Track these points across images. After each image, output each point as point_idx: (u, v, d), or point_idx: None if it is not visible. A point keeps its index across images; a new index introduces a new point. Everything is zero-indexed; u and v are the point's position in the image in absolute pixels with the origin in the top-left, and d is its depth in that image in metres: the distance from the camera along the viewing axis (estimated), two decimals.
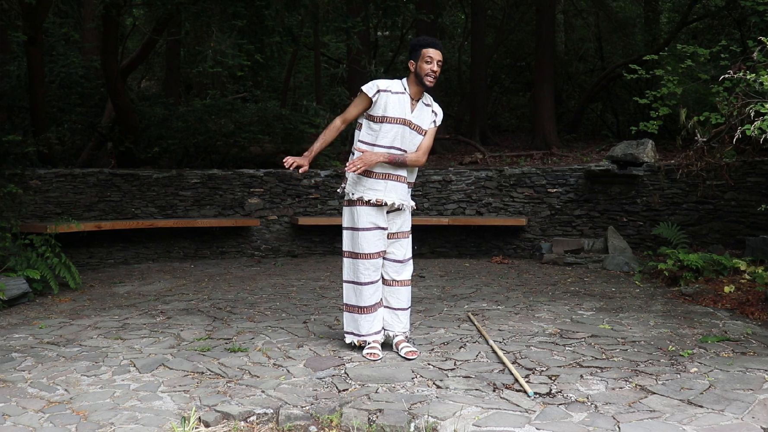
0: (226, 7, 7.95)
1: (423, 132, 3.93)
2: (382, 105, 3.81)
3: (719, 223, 7.72)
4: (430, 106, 3.98)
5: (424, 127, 3.93)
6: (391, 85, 3.86)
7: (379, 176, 3.84)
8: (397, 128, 3.83)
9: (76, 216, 7.69)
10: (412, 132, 3.89)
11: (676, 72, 6.95)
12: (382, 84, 3.84)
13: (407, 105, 3.86)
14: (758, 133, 4.76)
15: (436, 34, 13.66)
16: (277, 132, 9.80)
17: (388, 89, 3.83)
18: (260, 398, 3.20)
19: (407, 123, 3.86)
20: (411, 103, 3.89)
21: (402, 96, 3.86)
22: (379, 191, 3.84)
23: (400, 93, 3.86)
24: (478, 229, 8.46)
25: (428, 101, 3.98)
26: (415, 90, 3.89)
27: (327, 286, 6.36)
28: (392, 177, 3.85)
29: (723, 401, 3.05)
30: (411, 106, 3.88)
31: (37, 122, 8.47)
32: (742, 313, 4.87)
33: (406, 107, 3.85)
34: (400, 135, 3.84)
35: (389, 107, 3.82)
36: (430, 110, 3.97)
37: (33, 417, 3.02)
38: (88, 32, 11.28)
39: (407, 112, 3.86)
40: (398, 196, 3.87)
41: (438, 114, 4.01)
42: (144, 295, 5.94)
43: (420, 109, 3.91)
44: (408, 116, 3.86)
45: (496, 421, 2.86)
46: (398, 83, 3.90)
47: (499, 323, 4.66)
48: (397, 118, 3.83)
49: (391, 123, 3.83)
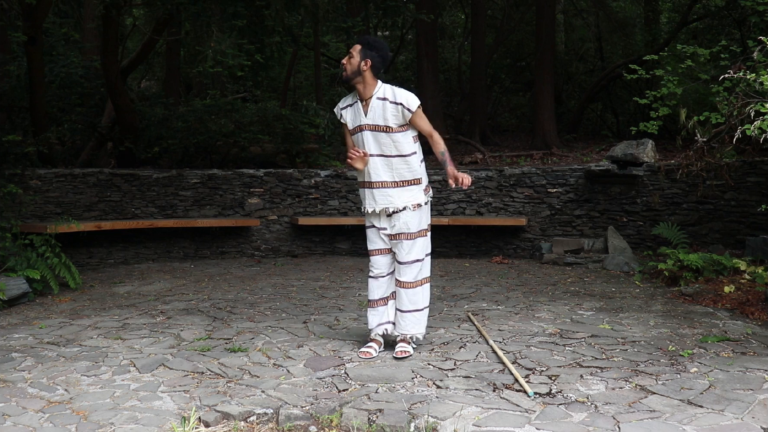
0: (226, 7, 7.95)
1: (387, 129, 3.78)
2: (349, 120, 3.92)
3: (719, 223, 7.72)
4: (385, 99, 3.78)
5: (389, 123, 3.78)
6: (348, 99, 3.96)
7: (361, 185, 3.96)
8: (359, 136, 3.87)
9: (76, 216, 7.68)
10: (374, 133, 3.81)
11: (676, 72, 6.95)
12: (342, 103, 4.00)
13: (360, 110, 3.85)
14: (758, 133, 4.76)
15: (436, 34, 13.65)
16: (277, 132, 9.79)
17: (346, 105, 3.95)
18: (260, 398, 3.20)
19: (364, 127, 3.83)
20: (364, 106, 3.84)
21: (356, 105, 3.88)
22: (365, 199, 3.94)
23: (354, 103, 3.90)
24: (478, 229, 8.46)
25: (383, 95, 3.79)
26: (360, 91, 3.83)
27: (327, 286, 6.36)
28: (373, 185, 3.86)
29: (723, 401, 3.05)
30: (364, 108, 3.84)
31: (37, 122, 8.46)
32: (742, 313, 4.87)
33: (360, 113, 3.85)
34: (365, 141, 3.84)
35: (349, 120, 3.91)
36: (387, 103, 3.76)
37: (33, 417, 3.03)
38: (88, 32, 11.27)
39: (362, 117, 3.84)
40: (385, 202, 3.85)
41: (401, 97, 3.75)
42: (144, 295, 5.94)
43: (375, 108, 3.80)
44: (363, 121, 3.83)
45: (496, 421, 2.86)
46: (353, 95, 3.92)
47: (499, 323, 4.66)
48: (355, 127, 3.88)
49: (355, 133, 3.90)
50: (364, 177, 3.90)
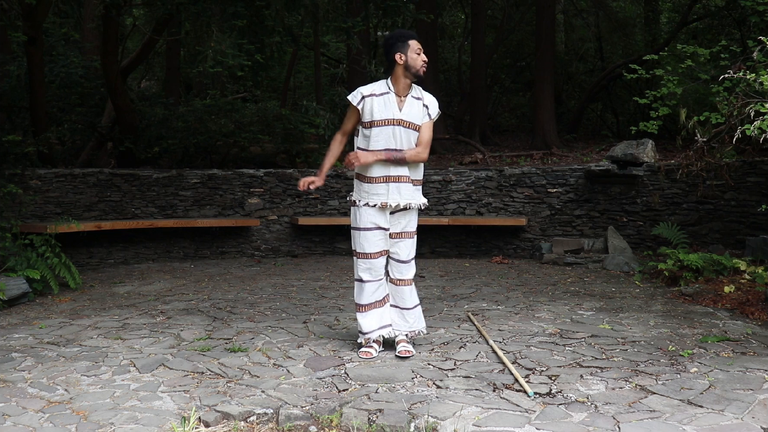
0: (226, 7, 7.95)
1: (417, 128, 3.84)
2: (368, 110, 3.81)
3: (719, 223, 7.72)
4: (420, 99, 3.86)
5: (417, 122, 3.83)
6: (375, 88, 3.84)
7: (379, 180, 3.84)
8: (387, 130, 3.79)
9: (76, 216, 7.68)
10: (407, 130, 3.81)
11: (676, 72, 6.95)
12: (366, 90, 3.84)
13: (394, 104, 3.80)
14: (758, 133, 4.76)
15: (436, 34, 13.66)
16: (277, 132, 9.80)
17: (372, 93, 3.82)
18: (260, 398, 3.20)
19: (398, 122, 3.80)
20: (398, 101, 3.82)
21: (388, 96, 3.81)
22: (382, 195, 3.84)
23: (385, 94, 3.82)
24: (478, 229, 8.46)
25: (417, 94, 3.87)
26: (402, 86, 3.82)
27: (327, 286, 6.36)
28: (393, 179, 3.83)
29: (723, 401, 3.05)
30: (399, 103, 3.82)
31: (37, 122, 8.46)
32: (742, 313, 4.87)
33: (393, 107, 3.80)
34: (392, 136, 3.80)
35: (375, 111, 3.79)
36: (420, 104, 3.85)
37: (33, 417, 3.02)
38: (88, 32, 11.26)
39: (396, 111, 3.80)
40: (403, 197, 3.85)
41: (431, 105, 3.88)
42: (144, 295, 5.94)
43: (410, 105, 3.83)
44: (397, 115, 3.80)
45: (496, 421, 2.86)
46: (382, 84, 3.86)
47: (499, 323, 4.66)
48: (385, 119, 3.79)
49: (381, 126, 3.79)
50: (383, 172, 3.83)
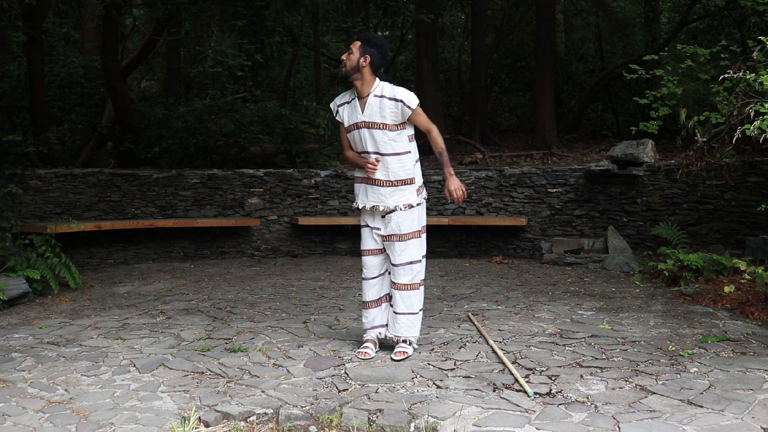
0: (226, 7, 7.95)
1: (383, 126, 3.75)
2: (345, 118, 3.90)
3: (719, 223, 7.72)
4: (383, 97, 3.74)
5: (386, 121, 3.74)
6: (345, 96, 3.93)
7: (358, 180, 3.97)
8: (355, 134, 3.85)
9: (76, 216, 7.68)
10: (371, 131, 3.78)
11: (676, 72, 6.94)
12: (339, 99, 3.96)
13: (357, 108, 3.83)
14: (758, 132, 4.76)
15: (436, 34, 13.66)
16: (277, 132, 9.79)
17: (343, 102, 3.92)
18: (260, 398, 3.20)
19: (361, 125, 3.80)
20: (360, 104, 3.81)
21: (353, 102, 3.86)
22: (360, 195, 3.95)
23: (352, 100, 3.87)
24: (478, 229, 8.46)
25: (380, 92, 3.76)
26: (358, 88, 3.80)
27: (327, 286, 6.36)
28: (370, 181, 3.86)
29: (723, 401, 3.05)
30: (361, 106, 3.81)
31: (37, 122, 8.46)
32: (742, 313, 4.87)
33: (356, 111, 3.83)
34: (360, 139, 3.83)
35: (346, 118, 3.89)
36: (385, 101, 3.73)
37: (33, 417, 3.03)
38: (88, 32, 11.26)
39: (359, 114, 3.82)
40: (376, 200, 3.84)
41: (401, 94, 3.71)
42: (144, 295, 5.94)
43: (371, 105, 3.76)
44: (359, 118, 3.81)
45: (496, 421, 2.86)
46: (351, 92, 3.90)
47: (499, 323, 4.66)
48: (351, 125, 3.86)
49: (351, 131, 3.87)
50: (361, 173, 3.94)
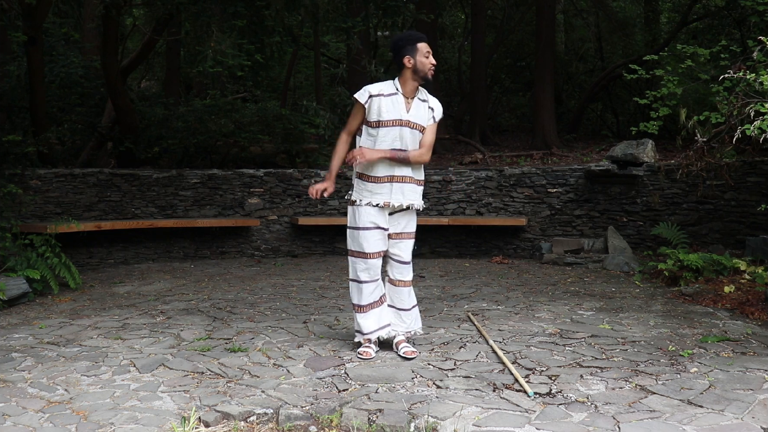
0: (226, 7, 7.95)
1: (422, 129, 3.87)
2: (375, 110, 3.80)
3: (719, 223, 7.72)
4: (426, 101, 3.90)
5: (423, 124, 3.86)
6: (383, 88, 3.83)
7: (383, 180, 3.84)
8: (395, 130, 3.80)
9: (76, 216, 7.68)
10: (413, 131, 3.83)
11: (676, 72, 6.95)
12: (374, 89, 3.83)
13: (402, 105, 3.81)
14: (758, 132, 4.76)
15: (436, 34, 13.65)
16: (277, 132, 9.80)
17: (380, 93, 3.81)
18: (260, 398, 3.20)
19: (405, 123, 3.81)
20: (406, 102, 3.83)
21: (395, 97, 3.82)
22: (385, 194, 3.84)
23: (393, 94, 3.82)
24: (478, 229, 8.46)
25: (424, 96, 3.90)
26: (409, 88, 3.83)
27: (327, 286, 6.36)
28: (396, 179, 3.84)
29: (723, 401, 3.05)
30: (406, 105, 3.83)
31: (37, 122, 8.46)
32: (742, 313, 4.87)
33: (401, 107, 3.81)
34: (399, 136, 3.81)
35: (383, 110, 3.79)
36: (426, 106, 3.89)
37: (33, 417, 3.02)
38: (88, 32, 11.27)
39: (403, 113, 3.81)
40: (405, 197, 3.87)
41: (436, 109, 3.92)
42: (144, 295, 5.94)
43: (416, 107, 3.85)
44: (404, 116, 3.81)
45: (496, 421, 2.86)
46: (390, 84, 3.86)
47: (499, 323, 4.66)
48: (393, 120, 3.80)
49: (388, 126, 3.80)
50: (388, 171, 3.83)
